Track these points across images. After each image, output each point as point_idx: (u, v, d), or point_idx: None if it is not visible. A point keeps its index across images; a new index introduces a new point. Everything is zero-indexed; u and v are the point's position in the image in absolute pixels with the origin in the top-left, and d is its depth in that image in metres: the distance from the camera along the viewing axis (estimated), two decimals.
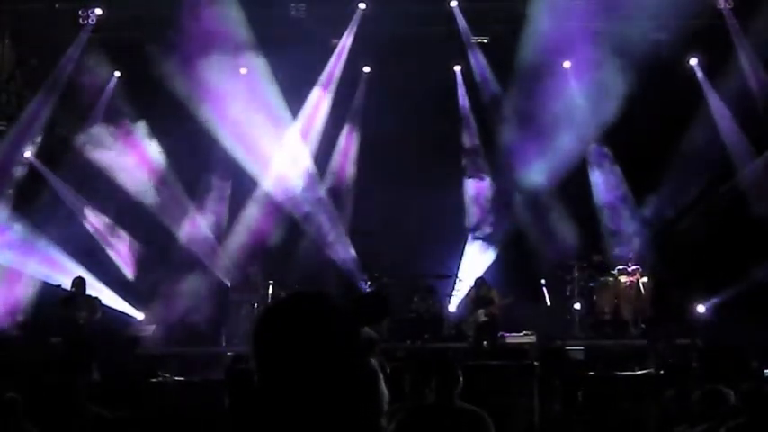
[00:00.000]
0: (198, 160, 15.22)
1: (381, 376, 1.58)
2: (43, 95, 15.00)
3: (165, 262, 15.07)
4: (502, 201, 15.32)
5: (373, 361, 1.58)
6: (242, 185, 15.46)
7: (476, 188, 15.88)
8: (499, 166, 15.41)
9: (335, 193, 15.95)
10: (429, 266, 14.79)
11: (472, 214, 15.81)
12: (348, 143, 16.17)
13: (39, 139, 15.18)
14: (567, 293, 14.58)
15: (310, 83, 15.53)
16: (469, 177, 15.85)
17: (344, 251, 15.54)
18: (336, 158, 16.10)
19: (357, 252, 15.44)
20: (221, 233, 15.53)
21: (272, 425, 1.53)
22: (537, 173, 14.68)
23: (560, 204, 14.85)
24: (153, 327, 13.92)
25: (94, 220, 15.19)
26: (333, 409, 1.51)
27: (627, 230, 14.89)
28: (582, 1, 13.53)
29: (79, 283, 12.91)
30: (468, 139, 16.13)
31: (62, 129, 15.20)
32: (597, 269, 14.43)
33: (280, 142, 15.31)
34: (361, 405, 1.55)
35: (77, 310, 12.53)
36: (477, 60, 15.56)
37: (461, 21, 15.04)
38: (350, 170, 16.11)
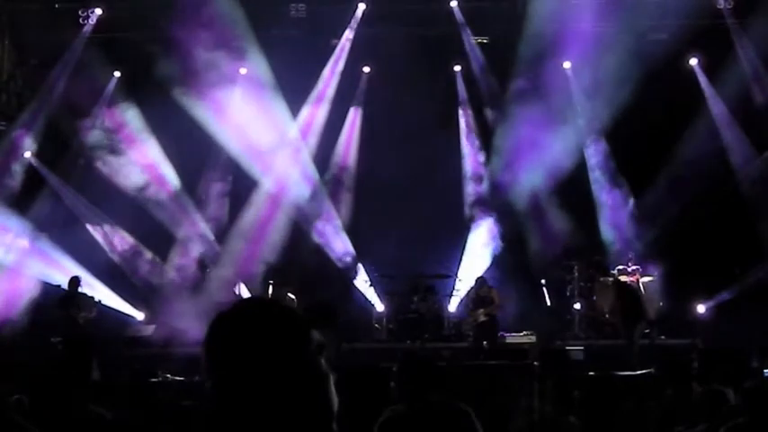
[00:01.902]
0: (198, 160, 15.22)
1: (332, 379, 1.61)
2: (43, 95, 15.00)
3: (168, 263, 15.10)
4: (501, 197, 15.31)
5: (324, 363, 1.60)
6: (242, 185, 15.46)
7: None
8: (499, 164, 15.40)
9: (335, 193, 15.95)
10: (429, 266, 14.79)
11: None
12: (348, 143, 16.17)
13: (39, 139, 15.17)
14: (567, 293, 14.59)
15: (310, 82, 15.53)
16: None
17: (344, 251, 15.54)
18: (336, 158, 16.10)
19: (357, 251, 15.43)
20: (221, 232, 15.51)
21: (226, 428, 1.56)
22: (537, 172, 14.67)
23: (560, 204, 14.84)
24: (153, 327, 13.91)
25: (97, 224, 15.19)
26: (284, 410, 1.54)
27: (626, 230, 14.88)
28: (582, 1, 13.53)
29: (74, 281, 12.89)
30: (468, 138, 16.14)
31: (62, 129, 15.18)
32: (597, 269, 14.43)
33: (279, 142, 15.31)
34: (313, 407, 1.57)
35: (77, 309, 12.52)
36: (477, 60, 15.56)
37: (461, 21, 15.05)
38: (350, 169, 16.11)
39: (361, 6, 14.87)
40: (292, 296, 13.19)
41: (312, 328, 1.60)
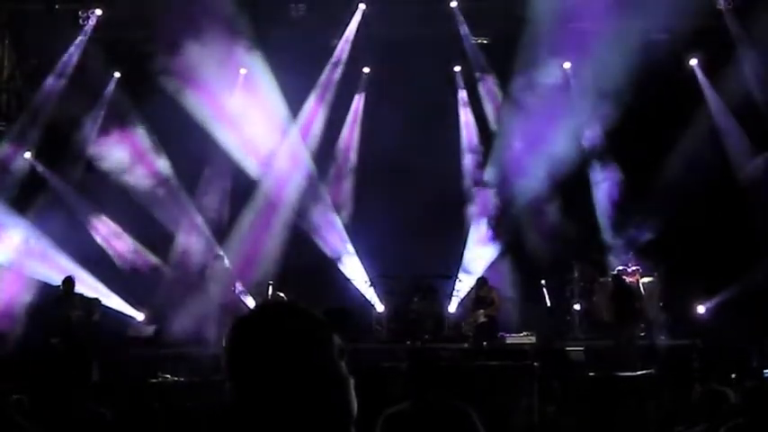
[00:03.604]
0: (197, 160, 15.21)
1: (352, 382, 1.62)
2: (43, 95, 15.00)
3: (168, 263, 15.11)
4: (501, 197, 15.31)
5: (344, 367, 1.60)
6: (242, 185, 15.45)
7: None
8: (500, 164, 15.41)
9: (335, 193, 15.95)
10: (429, 266, 14.79)
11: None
12: (348, 143, 16.17)
13: (39, 139, 15.16)
14: (567, 293, 14.58)
15: (310, 83, 15.53)
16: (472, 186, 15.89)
17: (344, 251, 15.53)
18: (336, 158, 16.10)
19: (357, 252, 15.41)
20: (221, 233, 15.51)
21: (246, 429, 1.57)
22: (537, 172, 14.67)
23: (560, 204, 14.84)
24: (153, 327, 13.92)
25: (97, 224, 15.19)
26: (305, 413, 1.55)
27: (627, 230, 14.87)
28: (582, 1, 13.52)
29: (68, 281, 12.87)
30: (468, 139, 16.15)
31: (62, 128, 15.17)
32: (597, 269, 14.42)
33: (279, 142, 15.32)
34: (333, 410, 1.58)
35: (70, 308, 12.51)
36: (478, 60, 15.57)
37: (461, 21, 15.05)
38: (350, 169, 16.11)
39: (361, 6, 14.87)
40: (281, 294, 13.20)
41: (334, 332, 1.61)
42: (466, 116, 16.18)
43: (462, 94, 16.14)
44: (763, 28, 13.44)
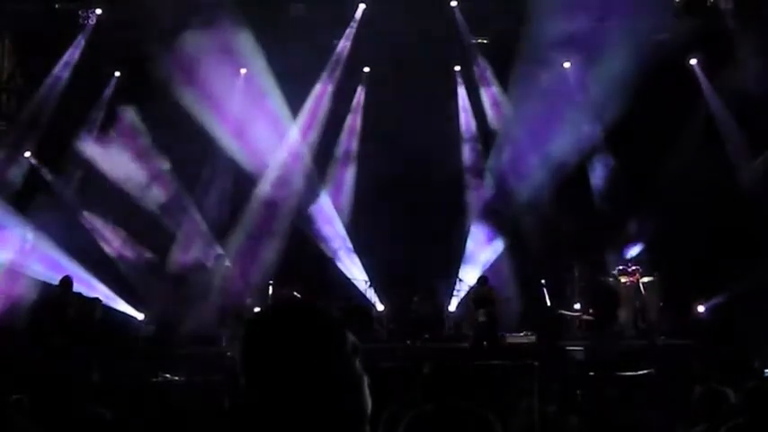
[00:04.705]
0: (198, 160, 15.22)
1: (367, 381, 1.62)
2: (43, 95, 15.00)
3: (168, 263, 15.11)
4: (502, 197, 15.33)
5: (359, 365, 1.61)
6: (242, 184, 15.46)
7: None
8: (500, 164, 15.42)
9: (335, 192, 15.95)
10: (429, 266, 14.79)
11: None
12: (348, 143, 16.18)
13: (39, 139, 15.16)
14: (567, 293, 14.59)
15: (310, 83, 15.54)
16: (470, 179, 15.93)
17: (344, 251, 15.53)
18: (336, 158, 16.11)
19: (357, 252, 15.42)
20: (221, 232, 15.52)
21: (261, 427, 1.56)
22: (538, 172, 14.67)
23: (560, 203, 14.84)
24: (153, 327, 13.92)
25: (97, 224, 15.20)
26: (319, 410, 1.55)
27: (627, 230, 14.88)
28: (582, 1, 13.52)
29: (66, 281, 12.87)
30: (469, 137, 16.15)
31: (62, 129, 15.17)
32: (597, 269, 14.42)
33: (279, 141, 15.32)
34: (349, 409, 1.58)
35: (68, 308, 12.51)
36: (477, 60, 15.58)
37: (461, 21, 15.06)
38: (350, 170, 16.11)
39: (361, 6, 14.87)
40: (295, 293, 13.21)
41: (348, 330, 1.61)
42: (466, 115, 16.18)
43: (462, 94, 16.15)
44: (763, 28, 13.44)
